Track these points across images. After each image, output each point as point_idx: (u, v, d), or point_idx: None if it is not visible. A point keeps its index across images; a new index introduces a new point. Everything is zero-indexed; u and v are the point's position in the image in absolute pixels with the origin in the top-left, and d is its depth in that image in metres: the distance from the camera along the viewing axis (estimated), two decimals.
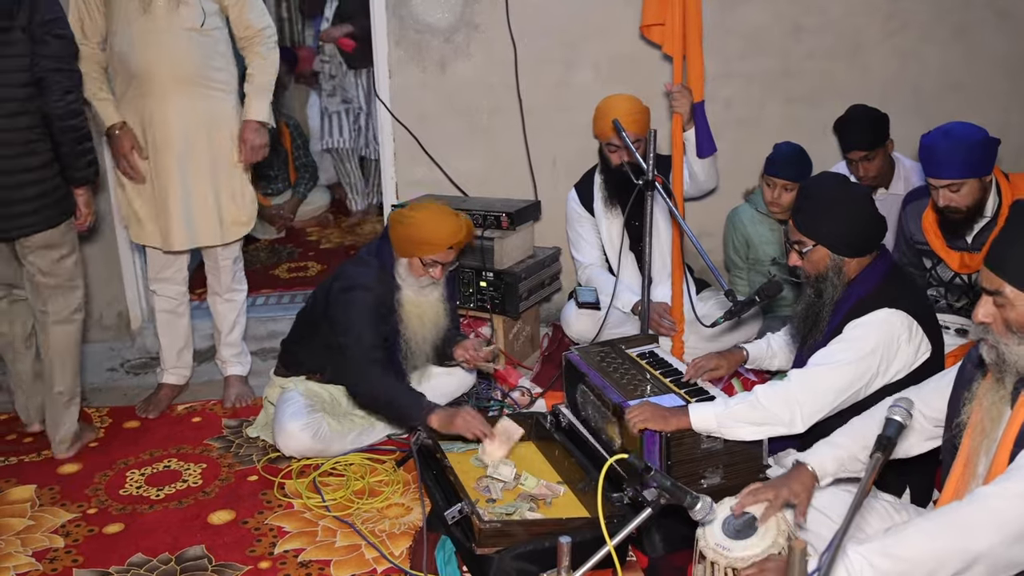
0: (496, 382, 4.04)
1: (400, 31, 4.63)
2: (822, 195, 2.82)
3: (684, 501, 2.31)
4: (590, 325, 4.18)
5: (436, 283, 3.55)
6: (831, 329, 2.81)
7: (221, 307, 4.07)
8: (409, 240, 3.44)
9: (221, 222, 3.82)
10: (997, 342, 2.07)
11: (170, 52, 3.57)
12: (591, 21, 4.65)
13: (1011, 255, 2.03)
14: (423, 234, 3.41)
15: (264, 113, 3.78)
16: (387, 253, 3.54)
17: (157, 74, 3.57)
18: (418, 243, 3.43)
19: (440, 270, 3.49)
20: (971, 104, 4.78)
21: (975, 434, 2.18)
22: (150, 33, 3.54)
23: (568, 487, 3.15)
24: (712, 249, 4.23)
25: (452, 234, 3.43)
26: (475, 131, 4.78)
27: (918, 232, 3.61)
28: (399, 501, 3.29)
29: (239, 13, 3.69)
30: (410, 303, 3.54)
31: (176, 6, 3.53)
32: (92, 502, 3.33)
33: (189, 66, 3.60)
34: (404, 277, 3.51)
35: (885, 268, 2.83)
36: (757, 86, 4.79)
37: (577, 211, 4.40)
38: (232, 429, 3.86)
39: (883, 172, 4.16)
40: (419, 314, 3.56)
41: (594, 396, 3.18)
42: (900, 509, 2.62)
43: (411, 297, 3.53)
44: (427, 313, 3.58)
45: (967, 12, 4.80)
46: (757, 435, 2.75)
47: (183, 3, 3.54)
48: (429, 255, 3.43)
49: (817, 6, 4.73)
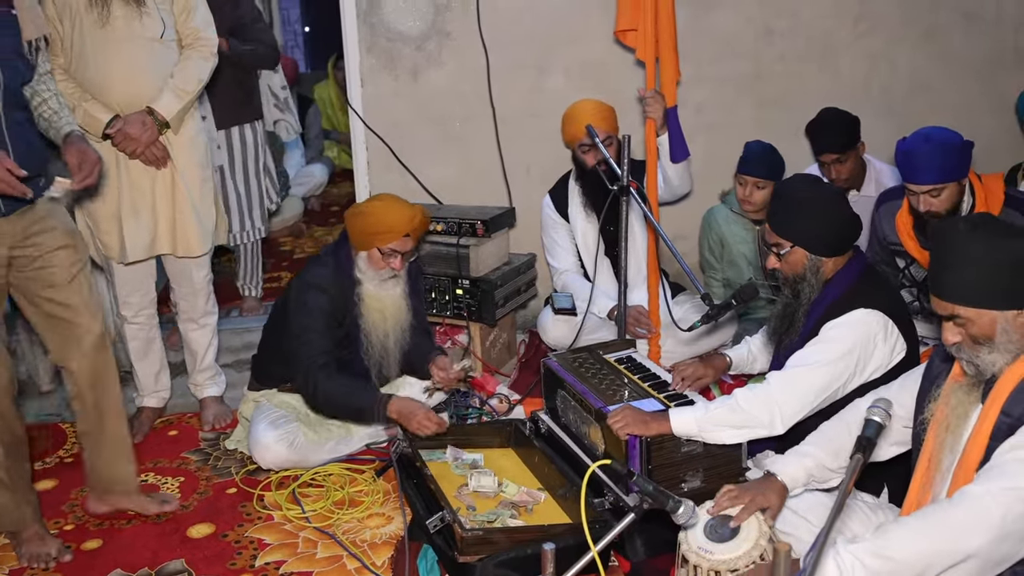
0: (474, 390, 4.04)
1: (371, 39, 4.62)
2: (796, 196, 2.86)
3: (667, 505, 2.32)
4: (567, 331, 4.18)
5: (398, 277, 3.56)
6: (807, 330, 2.84)
7: (195, 334, 3.98)
8: (365, 232, 3.47)
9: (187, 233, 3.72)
10: (972, 357, 2.14)
11: (130, 63, 3.49)
12: (562, 28, 4.67)
13: (949, 279, 2.12)
14: (378, 224, 3.45)
15: (169, 111, 3.54)
16: (346, 250, 3.57)
17: (116, 85, 3.49)
18: (374, 234, 3.45)
19: (399, 260, 3.50)
20: (940, 106, 4.84)
21: (940, 431, 2.22)
22: (109, 43, 3.45)
23: (549, 493, 3.16)
24: (687, 252, 4.25)
25: (407, 221, 3.46)
26: (448, 139, 4.78)
27: (892, 233, 3.64)
28: (380, 511, 3.27)
29: (186, 19, 3.62)
30: (370, 297, 3.55)
31: (138, 17, 3.45)
32: (69, 518, 3.30)
33: (149, 76, 3.53)
34: (364, 271, 3.52)
35: (860, 268, 2.86)
36: (729, 90, 4.83)
37: (552, 217, 4.41)
38: (209, 442, 3.83)
39: (855, 174, 4.20)
40: (380, 308, 3.57)
41: (575, 402, 3.19)
42: (878, 509, 2.65)
43: (371, 291, 3.54)
44: (388, 308, 3.59)
45: (935, 15, 4.86)
46: (738, 438, 2.76)
47: (145, 14, 3.47)
48: (386, 244, 3.45)
49: (788, 9, 4.77)
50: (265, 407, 3.64)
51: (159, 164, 3.60)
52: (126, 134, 3.49)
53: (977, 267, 2.08)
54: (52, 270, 2.99)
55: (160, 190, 3.65)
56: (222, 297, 4.28)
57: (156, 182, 3.64)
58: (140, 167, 3.60)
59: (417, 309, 3.73)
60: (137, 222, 3.64)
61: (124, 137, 3.50)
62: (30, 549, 3.03)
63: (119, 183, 3.61)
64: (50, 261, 2.98)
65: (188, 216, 3.70)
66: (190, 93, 3.61)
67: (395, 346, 3.64)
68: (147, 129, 3.51)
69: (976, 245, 2.09)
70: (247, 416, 3.71)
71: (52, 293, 2.99)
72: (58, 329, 3.04)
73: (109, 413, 3.16)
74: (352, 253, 3.54)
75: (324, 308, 3.47)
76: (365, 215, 3.49)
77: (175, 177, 3.66)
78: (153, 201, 3.65)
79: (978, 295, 2.09)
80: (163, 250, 3.73)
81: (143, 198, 3.63)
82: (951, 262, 2.12)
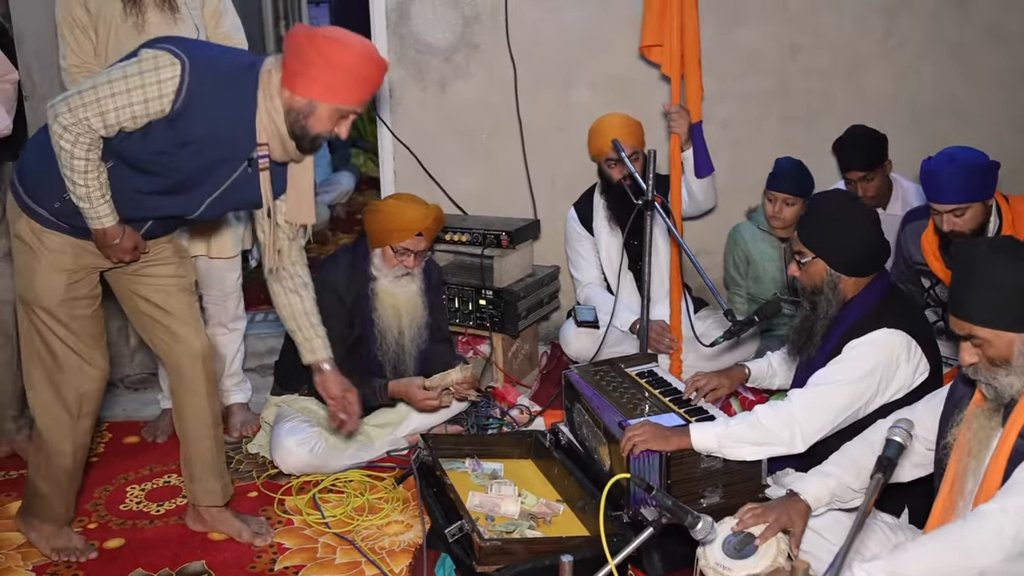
0: (495, 400, 4.05)
1: (401, 50, 4.66)
2: (830, 210, 2.86)
3: (685, 521, 2.31)
4: (589, 344, 4.19)
5: (412, 275, 3.62)
6: (830, 349, 2.83)
7: (224, 339, 4.00)
8: (380, 230, 3.54)
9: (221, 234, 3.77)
10: (989, 379, 2.14)
11: None
12: (589, 41, 4.69)
13: (969, 300, 2.12)
14: (392, 222, 3.52)
15: None
16: (364, 247, 3.64)
17: None
18: (388, 231, 3.53)
19: (413, 259, 3.56)
20: (966, 124, 4.82)
21: (963, 455, 2.22)
22: None
23: (567, 505, 3.16)
24: (710, 267, 4.25)
25: (420, 219, 3.52)
26: (475, 150, 4.81)
27: (917, 252, 3.63)
28: (399, 518, 3.29)
29: (216, 24, 3.66)
30: (385, 293, 3.61)
31: (173, 23, 3.49)
32: (92, 517, 3.33)
33: None
34: (379, 268, 3.59)
35: (884, 288, 2.85)
36: (754, 105, 4.83)
37: (576, 230, 4.42)
38: (232, 445, 3.86)
39: (881, 192, 4.19)
40: (394, 304, 3.62)
41: (589, 417, 3.20)
42: (897, 529, 2.64)
43: (386, 287, 3.61)
44: (403, 304, 3.64)
45: (962, 31, 4.84)
46: (758, 455, 2.76)
47: (179, 19, 3.51)
48: (399, 242, 3.52)
49: (813, 26, 4.77)
50: (287, 412, 3.67)
51: None
52: None
53: (997, 289, 2.08)
54: (154, 278, 3.03)
55: None
56: (250, 300, 4.31)
57: None
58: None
59: (434, 307, 3.77)
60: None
61: None
62: (57, 543, 3.07)
63: None
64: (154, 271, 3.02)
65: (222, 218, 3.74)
66: None
67: (411, 343, 3.68)
68: None
69: (997, 267, 2.09)
70: (269, 421, 3.75)
71: (149, 294, 3.02)
72: (157, 331, 3.06)
73: (192, 423, 3.12)
74: (369, 250, 3.61)
75: (333, 309, 3.50)
76: (380, 212, 3.57)
77: None
78: None
79: (997, 317, 2.09)
80: (198, 251, 3.77)
81: None
82: (971, 282, 2.12)
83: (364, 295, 3.60)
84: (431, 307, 3.75)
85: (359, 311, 3.61)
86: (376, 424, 3.75)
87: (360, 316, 3.61)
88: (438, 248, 4.39)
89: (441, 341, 3.84)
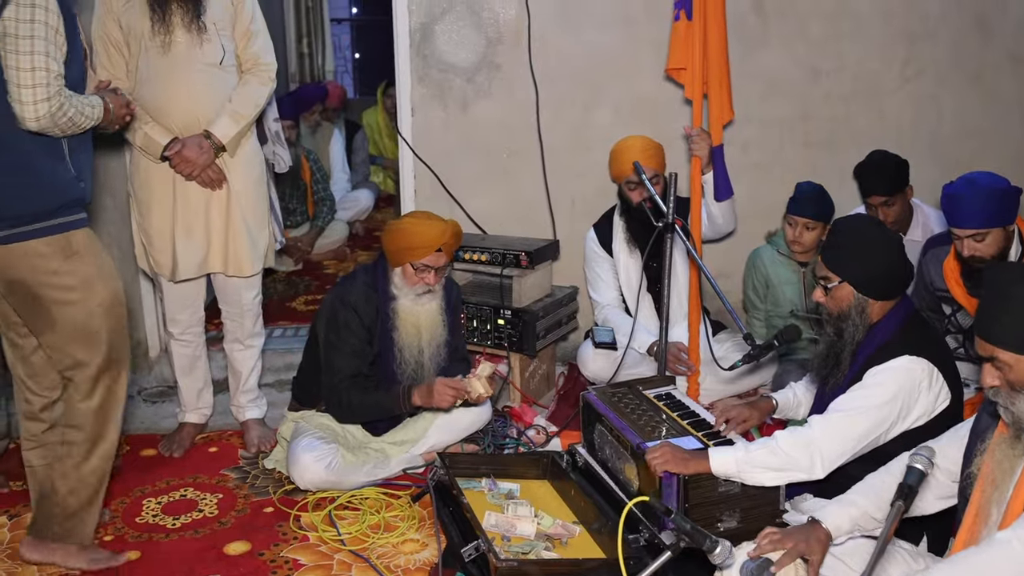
0: (512, 419, 4.05)
1: (423, 69, 4.69)
2: (855, 234, 2.85)
3: (704, 545, 2.31)
4: (606, 365, 4.19)
5: (433, 292, 3.63)
6: (851, 375, 2.82)
7: (240, 354, 4.02)
8: (399, 248, 3.56)
9: (239, 253, 3.79)
10: (1008, 403, 2.13)
11: (189, 88, 3.58)
12: (612, 64, 4.71)
13: (995, 322, 2.12)
14: (411, 239, 3.53)
15: (226, 135, 3.64)
16: (382, 266, 3.65)
17: (176, 109, 3.58)
18: (407, 249, 3.54)
19: (433, 276, 3.58)
20: (987, 150, 4.82)
21: (986, 486, 2.20)
22: (172, 70, 3.55)
23: (584, 527, 3.15)
24: (728, 290, 4.24)
25: (438, 236, 3.54)
26: (495, 170, 4.83)
27: (938, 279, 3.62)
28: (415, 537, 3.29)
29: (246, 44, 3.72)
30: (405, 311, 3.63)
31: (199, 44, 3.55)
32: (109, 529, 3.34)
33: (207, 101, 3.62)
34: (400, 287, 3.61)
35: (906, 314, 2.84)
36: (775, 130, 4.83)
37: (595, 251, 4.42)
38: (248, 460, 3.88)
39: (902, 218, 4.18)
40: (414, 322, 3.64)
41: (612, 437, 3.19)
42: (917, 557, 2.62)
43: (407, 306, 3.62)
44: (423, 322, 3.65)
45: (983, 57, 4.85)
46: (777, 480, 2.74)
47: (206, 40, 3.57)
48: (419, 259, 3.54)
49: (835, 51, 4.78)
50: (304, 428, 3.67)
51: (215, 186, 3.68)
52: (183, 156, 3.58)
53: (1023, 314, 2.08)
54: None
55: (215, 210, 3.72)
56: (268, 316, 4.33)
57: (211, 202, 3.72)
58: (196, 188, 3.68)
59: (453, 327, 3.79)
60: (189, 241, 3.71)
61: (181, 159, 3.58)
62: (89, 554, 3.10)
63: (174, 203, 3.69)
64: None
65: (241, 236, 3.77)
66: (247, 117, 3.70)
67: (430, 361, 3.69)
68: (204, 152, 3.60)
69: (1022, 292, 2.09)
70: (286, 436, 3.75)
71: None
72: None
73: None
74: (388, 270, 3.62)
75: (352, 325, 3.56)
76: (398, 231, 3.58)
77: (230, 198, 3.74)
78: (207, 221, 3.72)
79: (1019, 341, 2.08)
80: (214, 269, 3.79)
81: (197, 218, 3.71)
82: (999, 306, 2.11)
83: (384, 315, 3.61)
84: (450, 326, 3.75)
85: (378, 329, 3.62)
86: (393, 442, 3.75)
87: (380, 334, 3.63)
88: (457, 267, 4.40)
89: (459, 360, 3.84)
